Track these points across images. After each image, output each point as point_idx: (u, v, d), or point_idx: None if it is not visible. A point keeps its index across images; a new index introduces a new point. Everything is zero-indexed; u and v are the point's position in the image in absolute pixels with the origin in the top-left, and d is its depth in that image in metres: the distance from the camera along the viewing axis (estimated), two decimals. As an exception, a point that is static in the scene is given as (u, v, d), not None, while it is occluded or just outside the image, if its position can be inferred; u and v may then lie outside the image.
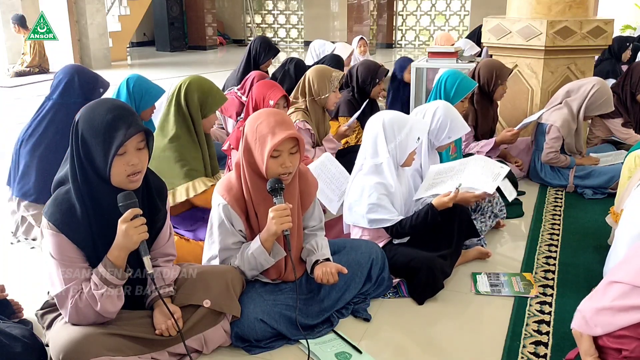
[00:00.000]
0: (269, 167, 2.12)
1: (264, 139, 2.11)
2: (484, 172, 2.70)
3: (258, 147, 2.13)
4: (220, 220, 2.22)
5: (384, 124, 2.67)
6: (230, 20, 15.19)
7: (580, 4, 4.19)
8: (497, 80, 3.99)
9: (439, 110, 3.07)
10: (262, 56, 5.25)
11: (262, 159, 2.12)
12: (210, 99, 2.85)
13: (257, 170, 2.18)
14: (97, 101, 1.92)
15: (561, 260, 2.90)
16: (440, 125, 3.04)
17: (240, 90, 4.97)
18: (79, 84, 3.10)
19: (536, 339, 2.22)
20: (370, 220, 2.65)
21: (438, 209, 2.61)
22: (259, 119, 2.16)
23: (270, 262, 2.22)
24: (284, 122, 2.14)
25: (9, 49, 10.48)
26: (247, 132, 2.18)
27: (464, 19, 13.31)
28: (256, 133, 2.14)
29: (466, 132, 3.15)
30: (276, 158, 2.12)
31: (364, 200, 2.64)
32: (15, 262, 2.98)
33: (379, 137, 2.67)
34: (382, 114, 2.74)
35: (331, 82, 3.73)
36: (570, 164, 3.86)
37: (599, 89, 3.79)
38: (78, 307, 1.85)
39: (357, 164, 2.78)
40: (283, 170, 2.13)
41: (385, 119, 2.69)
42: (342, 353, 2.12)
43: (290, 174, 2.17)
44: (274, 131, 2.10)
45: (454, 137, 3.08)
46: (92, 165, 1.83)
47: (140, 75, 3.36)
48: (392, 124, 2.67)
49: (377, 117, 2.73)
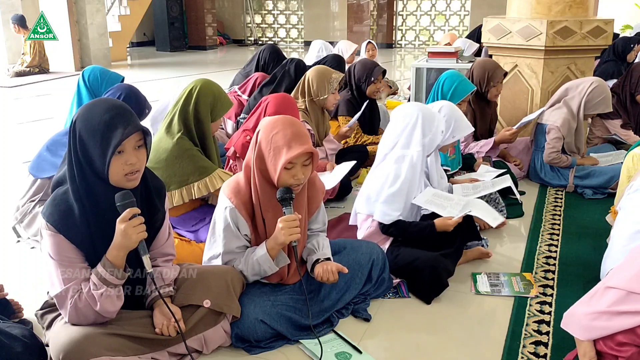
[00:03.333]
0: (281, 178, 2.10)
1: (279, 151, 2.08)
2: (488, 210, 2.75)
3: (272, 157, 2.10)
4: (226, 223, 2.20)
5: (423, 116, 2.68)
6: (230, 20, 15.20)
7: (580, 4, 4.19)
8: (490, 82, 4.00)
9: (443, 110, 3.09)
10: (270, 66, 5.19)
11: (274, 170, 2.10)
12: (220, 104, 2.90)
13: (268, 178, 2.16)
14: (95, 101, 1.92)
15: (561, 260, 2.90)
16: (445, 124, 3.04)
17: (241, 89, 4.98)
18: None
19: (536, 339, 2.22)
20: (383, 212, 2.64)
21: (438, 230, 2.62)
22: (275, 129, 2.12)
23: (274, 270, 2.22)
24: (300, 135, 2.11)
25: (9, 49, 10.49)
26: (261, 140, 2.14)
27: (464, 19, 13.32)
28: (271, 143, 2.11)
29: (470, 132, 3.16)
30: (289, 170, 2.10)
31: (385, 190, 2.64)
32: (15, 262, 2.97)
33: (416, 128, 2.67)
34: (414, 106, 2.75)
35: (330, 84, 3.73)
36: (572, 163, 3.86)
37: (597, 86, 3.79)
38: (77, 307, 1.85)
39: (380, 154, 2.77)
40: (295, 182, 2.12)
41: (422, 111, 2.70)
42: (342, 353, 2.12)
43: (301, 185, 2.17)
44: (290, 144, 2.07)
45: (458, 137, 3.09)
46: (90, 164, 1.82)
47: (96, 66, 3.38)
48: (426, 117, 2.68)
49: (412, 108, 2.74)
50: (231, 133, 4.57)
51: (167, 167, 2.75)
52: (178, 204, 2.77)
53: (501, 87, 4.13)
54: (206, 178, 2.79)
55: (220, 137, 4.43)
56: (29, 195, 3.09)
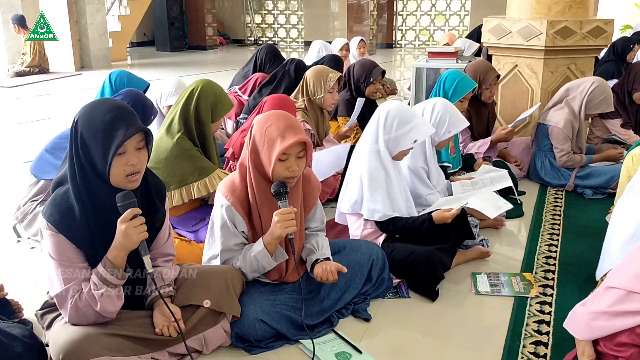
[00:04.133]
0: (275, 170, 2.11)
1: (273, 142, 2.10)
2: (489, 200, 2.75)
3: (266, 149, 2.12)
4: (223, 221, 2.21)
5: (388, 114, 2.69)
6: (230, 20, 15.20)
7: (580, 4, 4.19)
8: (482, 85, 4.00)
9: (438, 106, 3.10)
10: (267, 66, 5.27)
11: (269, 162, 2.11)
12: (220, 104, 2.90)
13: (263, 172, 2.17)
14: (97, 101, 1.92)
15: (561, 260, 2.90)
16: (440, 120, 3.06)
17: (241, 89, 4.99)
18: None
19: (536, 339, 2.22)
20: (369, 210, 2.65)
21: (436, 222, 2.62)
22: (268, 122, 2.15)
23: (273, 265, 2.22)
24: (293, 126, 2.13)
25: (9, 49, 10.49)
26: (255, 133, 2.17)
27: (464, 19, 13.32)
28: (265, 135, 2.13)
29: (466, 126, 3.16)
30: (284, 161, 2.11)
31: (365, 187, 2.65)
32: (15, 262, 2.97)
33: (379, 124, 2.70)
34: (392, 104, 2.76)
35: (327, 83, 3.72)
36: (587, 162, 3.85)
37: (598, 86, 3.79)
38: (78, 307, 1.85)
39: (358, 148, 2.79)
40: (290, 173, 2.13)
41: (391, 109, 2.71)
42: (342, 353, 2.12)
43: (295, 177, 2.17)
44: (284, 135, 2.09)
45: (453, 132, 3.10)
46: (91, 164, 1.82)
47: (124, 70, 3.37)
48: (394, 117, 2.68)
49: (387, 105, 2.75)
50: (231, 133, 4.57)
51: (167, 167, 2.76)
52: (178, 204, 2.77)
53: (495, 89, 4.12)
54: (206, 178, 2.80)
55: (220, 138, 4.43)
56: (31, 195, 3.10)
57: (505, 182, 3.19)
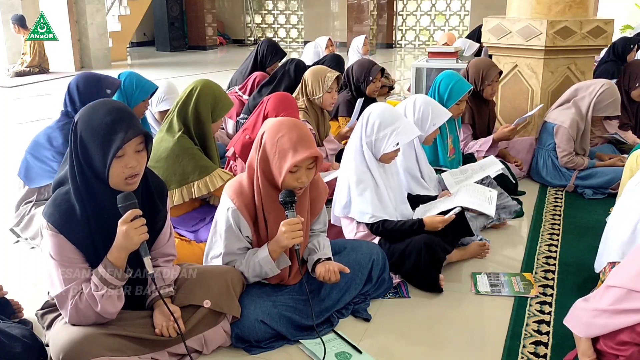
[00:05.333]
0: (285, 181, 2.11)
1: (285, 154, 2.09)
2: (475, 193, 2.73)
3: (277, 160, 2.11)
4: (228, 224, 2.20)
5: (369, 116, 2.69)
6: (230, 20, 15.19)
7: (580, 4, 4.19)
8: (484, 81, 4.00)
9: (418, 101, 3.12)
10: (269, 59, 5.31)
11: (279, 173, 2.10)
12: (220, 105, 2.90)
13: (272, 180, 2.16)
14: (97, 102, 1.91)
15: (561, 260, 2.90)
16: (423, 114, 3.07)
17: (241, 89, 4.98)
18: (81, 92, 3.10)
19: (536, 339, 2.22)
20: (359, 212, 2.65)
21: (427, 228, 2.60)
22: (281, 132, 2.12)
23: (276, 272, 2.22)
24: (306, 139, 2.12)
25: (9, 49, 10.49)
26: (266, 142, 2.14)
27: (464, 19, 13.31)
28: (277, 146, 2.11)
29: (449, 117, 3.14)
30: (294, 173, 2.11)
31: (352, 190, 2.65)
32: (15, 262, 2.97)
33: (362, 126, 2.70)
34: (376, 106, 2.74)
35: (324, 83, 3.72)
36: (589, 166, 3.83)
37: (607, 88, 3.79)
38: (78, 307, 1.85)
39: (346, 149, 2.79)
40: (299, 184, 2.12)
41: (373, 111, 2.70)
42: (342, 353, 2.12)
43: (304, 188, 2.17)
44: (296, 148, 2.08)
45: (438, 124, 3.10)
46: (91, 166, 1.82)
47: (134, 72, 3.38)
48: (375, 120, 2.67)
49: (370, 107, 2.75)
50: (232, 133, 4.57)
51: (167, 166, 2.75)
52: (178, 203, 2.77)
53: (497, 86, 4.12)
54: (206, 177, 2.79)
55: (221, 138, 4.43)
56: (21, 199, 3.12)
57: (495, 166, 3.17)
